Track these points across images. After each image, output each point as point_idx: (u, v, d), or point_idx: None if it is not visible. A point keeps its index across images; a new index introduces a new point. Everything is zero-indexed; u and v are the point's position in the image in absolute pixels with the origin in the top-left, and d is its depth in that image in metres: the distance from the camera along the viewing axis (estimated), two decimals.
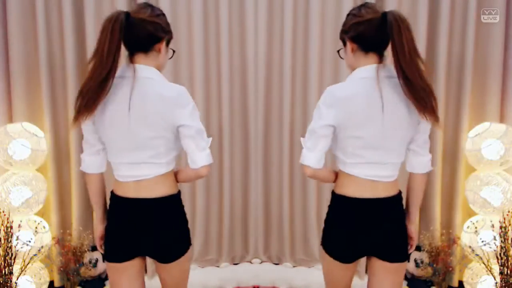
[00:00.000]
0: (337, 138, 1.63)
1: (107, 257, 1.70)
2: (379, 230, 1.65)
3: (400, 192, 1.74)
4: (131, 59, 1.60)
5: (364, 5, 1.61)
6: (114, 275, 1.71)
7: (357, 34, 1.57)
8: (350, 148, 1.61)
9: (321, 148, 1.61)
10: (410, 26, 1.49)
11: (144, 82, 1.56)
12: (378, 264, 1.70)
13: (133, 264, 1.69)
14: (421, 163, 1.75)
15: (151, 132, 1.57)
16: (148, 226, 1.63)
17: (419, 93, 1.50)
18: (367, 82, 1.55)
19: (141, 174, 1.65)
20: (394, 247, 1.68)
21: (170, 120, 1.56)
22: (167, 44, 1.66)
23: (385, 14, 1.51)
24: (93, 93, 1.54)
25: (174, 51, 1.75)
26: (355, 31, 1.57)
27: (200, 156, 1.60)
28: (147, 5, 1.63)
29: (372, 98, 1.54)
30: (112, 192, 1.75)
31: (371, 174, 1.64)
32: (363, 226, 1.64)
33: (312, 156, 1.62)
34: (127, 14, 1.53)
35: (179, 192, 1.71)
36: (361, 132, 1.57)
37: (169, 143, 1.61)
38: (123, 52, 1.58)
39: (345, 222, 1.66)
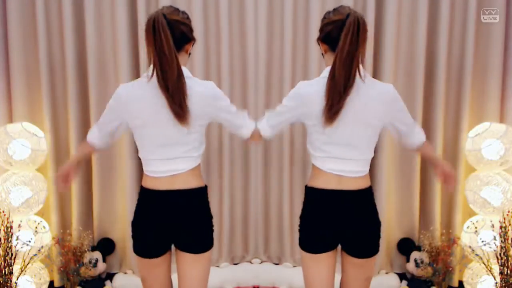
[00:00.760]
0: (307, 132, 1.78)
1: (138, 253, 1.78)
2: (346, 221, 1.72)
3: (370, 187, 1.79)
4: None
5: (336, 8, 1.74)
6: (145, 270, 1.80)
7: (325, 34, 1.71)
8: (317, 143, 1.74)
9: (280, 128, 1.87)
10: (364, 33, 1.61)
11: None
12: (347, 260, 1.79)
13: (164, 260, 1.79)
14: (414, 138, 1.86)
15: (189, 128, 1.67)
16: (183, 215, 1.71)
17: (334, 91, 1.62)
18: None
19: (176, 168, 1.73)
20: (362, 240, 1.75)
21: (212, 113, 1.73)
22: (192, 46, 1.78)
23: (348, 15, 1.62)
24: (178, 89, 1.62)
25: (189, 54, 1.81)
26: (324, 32, 1.71)
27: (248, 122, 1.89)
28: (176, 9, 1.73)
29: None
30: (142, 187, 1.79)
31: (336, 168, 1.73)
32: (330, 215, 1.72)
33: (270, 131, 1.88)
34: (164, 15, 1.62)
35: (206, 186, 1.81)
36: (323, 129, 1.68)
37: (202, 136, 1.76)
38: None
39: (313, 212, 1.75)
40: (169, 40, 1.57)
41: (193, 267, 1.77)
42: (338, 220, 1.72)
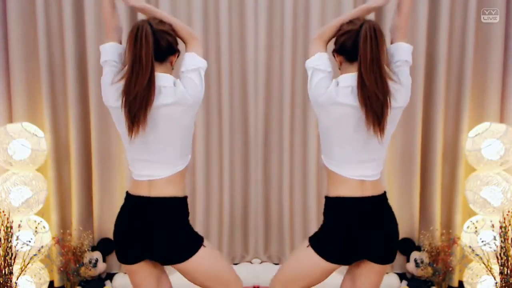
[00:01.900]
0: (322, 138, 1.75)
1: (119, 259, 1.77)
2: (372, 230, 1.70)
3: (384, 192, 1.77)
4: None
5: (350, 20, 1.72)
6: (130, 276, 1.79)
7: (339, 46, 1.70)
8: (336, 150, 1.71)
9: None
10: (382, 37, 1.59)
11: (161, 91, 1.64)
12: (366, 267, 1.75)
13: (144, 265, 1.74)
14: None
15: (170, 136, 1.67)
16: (156, 224, 1.69)
17: (370, 98, 1.57)
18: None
19: (153, 174, 1.70)
20: (386, 248, 1.73)
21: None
22: (176, 58, 1.75)
23: (362, 24, 1.61)
24: (142, 98, 1.58)
25: (173, 67, 1.78)
26: (338, 44, 1.71)
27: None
28: (162, 20, 1.72)
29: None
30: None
31: (358, 174, 1.70)
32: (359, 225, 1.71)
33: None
34: (150, 24, 1.61)
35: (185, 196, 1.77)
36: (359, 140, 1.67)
37: (182, 143, 1.70)
38: None
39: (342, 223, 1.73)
40: (149, 48, 1.56)
41: (195, 271, 1.75)
42: (366, 230, 1.70)
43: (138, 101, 1.56)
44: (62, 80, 2.91)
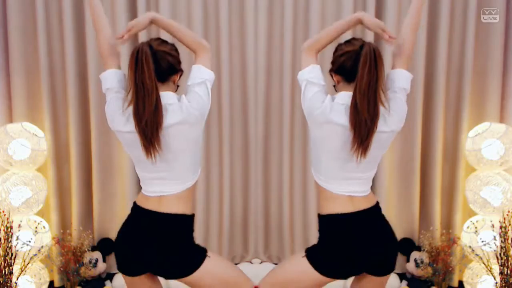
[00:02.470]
0: (312, 152, 1.76)
1: (119, 269, 1.76)
2: (370, 244, 1.70)
3: (377, 203, 1.78)
4: None
5: (348, 40, 1.72)
6: (129, 286, 1.79)
7: (338, 66, 1.69)
8: (328, 168, 1.72)
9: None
10: (381, 61, 1.58)
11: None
12: (367, 280, 1.77)
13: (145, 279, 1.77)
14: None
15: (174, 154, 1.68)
16: (162, 240, 1.70)
17: (360, 123, 1.58)
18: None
19: (162, 190, 1.71)
20: (385, 260, 1.73)
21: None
22: (179, 78, 1.75)
23: (362, 46, 1.61)
24: (153, 122, 1.59)
25: (178, 86, 1.78)
26: (337, 64, 1.69)
27: None
28: (165, 40, 1.72)
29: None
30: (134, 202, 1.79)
31: (348, 190, 1.71)
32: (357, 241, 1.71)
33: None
34: (150, 45, 1.62)
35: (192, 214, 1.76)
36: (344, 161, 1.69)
37: (191, 160, 1.72)
38: None
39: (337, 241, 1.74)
40: (151, 71, 1.56)
41: (203, 282, 1.75)
42: (364, 245, 1.70)
43: (149, 126, 1.58)
44: (62, 80, 2.91)
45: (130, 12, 2.85)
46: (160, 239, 1.68)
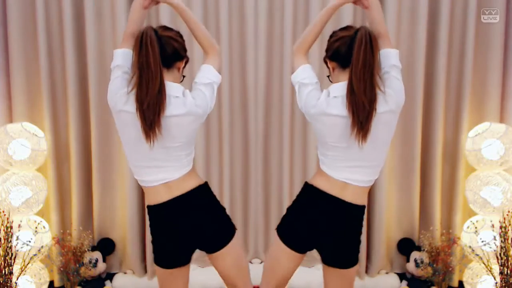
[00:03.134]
0: (319, 142, 1.77)
1: (158, 263, 1.78)
2: (329, 229, 1.74)
3: (363, 206, 1.79)
4: None
5: (344, 27, 1.73)
6: (164, 281, 1.82)
7: (333, 51, 1.69)
8: (331, 156, 1.74)
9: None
10: (376, 43, 1.59)
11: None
12: (328, 272, 1.82)
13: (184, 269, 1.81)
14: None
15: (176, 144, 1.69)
16: (193, 218, 1.73)
17: (358, 106, 1.59)
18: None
19: (166, 177, 1.72)
20: (342, 251, 1.77)
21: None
22: (185, 65, 1.74)
23: (356, 31, 1.62)
24: (155, 106, 1.58)
25: (184, 76, 1.78)
26: (331, 50, 1.69)
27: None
28: (169, 27, 1.72)
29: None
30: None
31: (343, 176, 1.74)
32: (319, 218, 1.75)
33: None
34: (155, 30, 1.61)
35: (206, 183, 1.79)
36: (347, 149, 1.70)
37: (188, 148, 1.73)
38: None
39: (305, 209, 1.80)
40: (156, 53, 1.55)
41: (224, 262, 1.80)
42: (324, 225, 1.73)
43: (151, 109, 1.57)
44: (62, 80, 2.91)
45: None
46: (192, 218, 1.71)
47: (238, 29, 2.95)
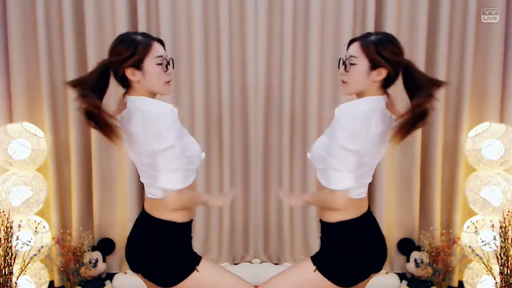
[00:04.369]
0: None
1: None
2: None
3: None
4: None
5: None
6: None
7: (396, 67, 1.58)
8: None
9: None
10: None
11: None
12: None
13: None
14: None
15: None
16: None
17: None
18: None
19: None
20: None
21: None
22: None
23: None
24: None
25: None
26: (398, 66, 1.57)
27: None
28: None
29: None
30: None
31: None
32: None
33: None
34: None
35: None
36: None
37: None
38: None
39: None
40: None
41: None
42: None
43: None
44: (62, 80, 2.91)
45: (130, 12, 2.85)
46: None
47: (238, 29, 2.95)
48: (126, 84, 1.61)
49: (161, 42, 1.62)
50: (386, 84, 1.60)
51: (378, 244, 1.70)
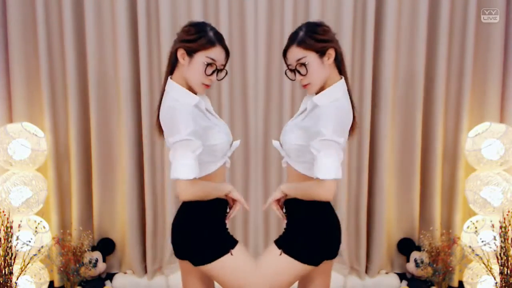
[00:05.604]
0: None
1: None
2: None
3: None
4: None
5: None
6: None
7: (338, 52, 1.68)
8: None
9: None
10: None
11: None
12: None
13: None
14: None
15: None
16: None
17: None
18: None
19: None
20: None
21: None
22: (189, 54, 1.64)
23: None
24: None
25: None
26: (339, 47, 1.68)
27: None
28: None
29: None
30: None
31: None
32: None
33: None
34: None
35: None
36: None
37: None
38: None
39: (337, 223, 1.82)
40: None
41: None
42: None
43: None
44: (62, 80, 2.91)
45: (130, 12, 2.85)
46: None
47: (238, 29, 2.95)
48: (173, 66, 1.66)
49: (227, 52, 1.68)
50: (338, 65, 1.67)
51: (335, 231, 1.75)
